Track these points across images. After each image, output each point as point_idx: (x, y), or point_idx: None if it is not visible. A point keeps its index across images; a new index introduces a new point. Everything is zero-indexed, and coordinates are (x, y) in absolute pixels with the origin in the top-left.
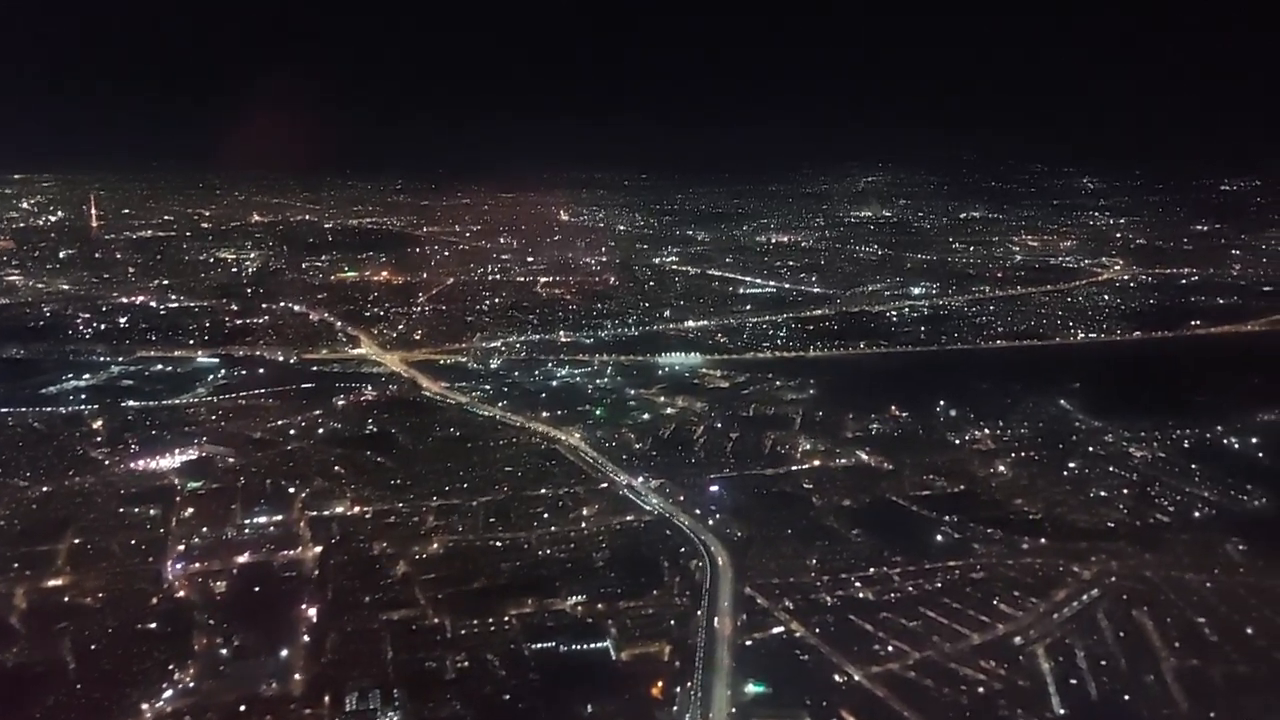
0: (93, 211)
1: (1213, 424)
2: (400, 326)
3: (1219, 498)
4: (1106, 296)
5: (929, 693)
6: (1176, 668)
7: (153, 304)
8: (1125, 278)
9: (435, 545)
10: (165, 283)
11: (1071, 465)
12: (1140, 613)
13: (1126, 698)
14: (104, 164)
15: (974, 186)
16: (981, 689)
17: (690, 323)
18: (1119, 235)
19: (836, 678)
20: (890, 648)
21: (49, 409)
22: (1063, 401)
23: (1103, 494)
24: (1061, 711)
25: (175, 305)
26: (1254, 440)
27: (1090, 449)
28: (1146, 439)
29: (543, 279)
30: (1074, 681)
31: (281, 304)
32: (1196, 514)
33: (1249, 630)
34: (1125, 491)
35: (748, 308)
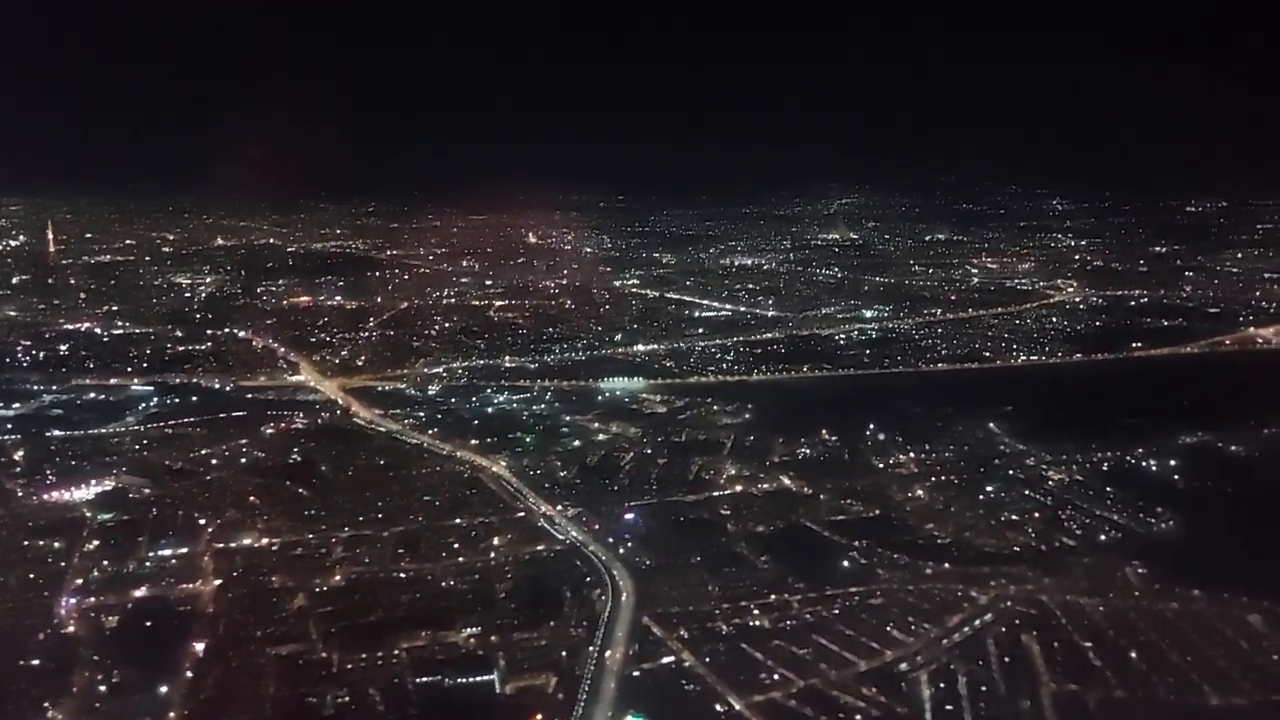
0: (50, 236)
1: (1134, 447)
2: (344, 352)
3: (1127, 521)
4: (1055, 319)
5: None
6: (1054, 693)
7: (97, 330)
8: (1076, 300)
9: (338, 577)
10: (114, 309)
11: (989, 489)
12: (1029, 637)
13: None
14: (77, 187)
15: (945, 209)
16: (859, 716)
17: (640, 347)
18: (1078, 257)
19: (718, 707)
20: (776, 676)
21: None
22: (992, 425)
23: (1014, 518)
24: None
25: (120, 332)
26: (1172, 463)
27: (1010, 472)
28: (1067, 462)
29: (498, 303)
30: (950, 708)
31: (226, 330)
32: (1102, 537)
33: (1133, 654)
34: (1036, 515)
35: (700, 331)
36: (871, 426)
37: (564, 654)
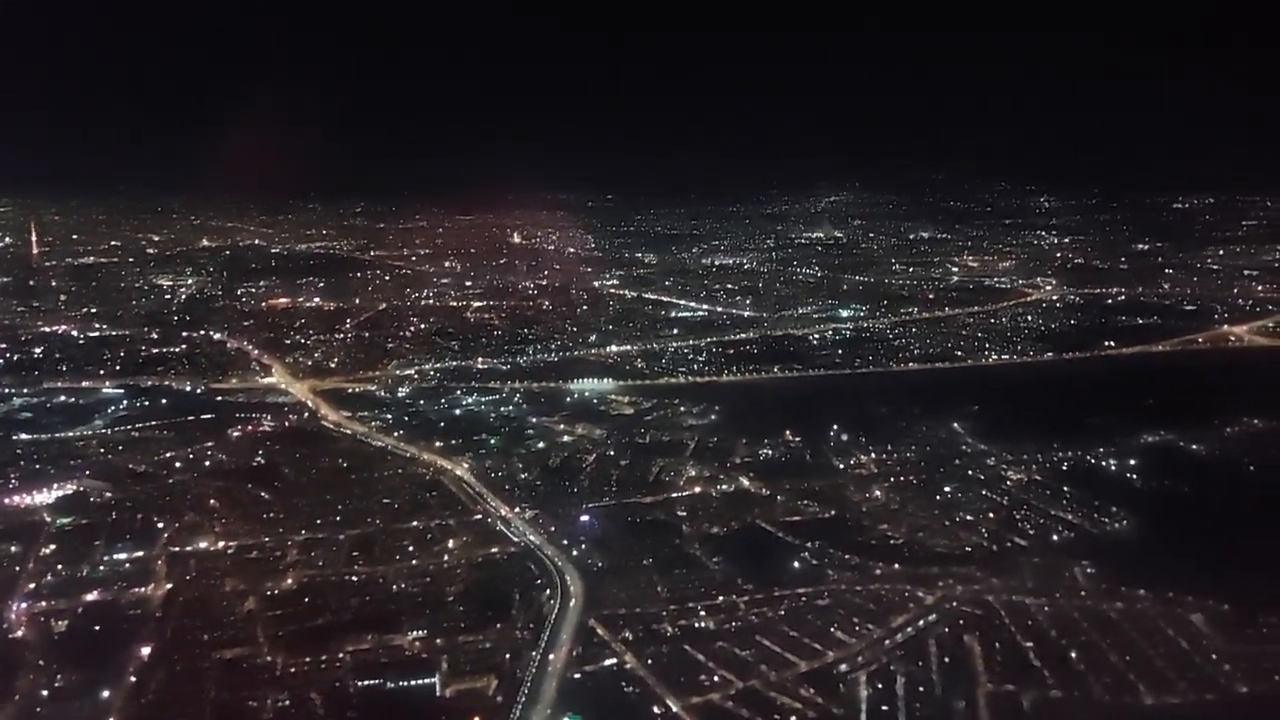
0: (33, 238)
1: (1096, 446)
2: (317, 354)
3: (1081, 521)
4: (1030, 318)
5: None
6: (991, 693)
7: (74, 333)
8: (1054, 298)
9: (289, 581)
10: (92, 311)
11: (946, 490)
12: (972, 637)
13: None
14: (68, 189)
15: (932, 206)
16: (794, 717)
17: (613, 348)
18: (1059, 255)
19: (655, 709)
20: (716, 678)
21: None
22: (956, 425)
23: (968, 518)
24: None
25: (96, 335)
26: (1131, 462)
27: (969, 473)
28: (1027, 462)
29: (476, 304)
30: (885, 709)
31: (202, 332)
32: (1055, 538)
33: (1072, 654)
34: (991, 515)
35: (674, 332)
36: (835, 427)
37: (507, 656)
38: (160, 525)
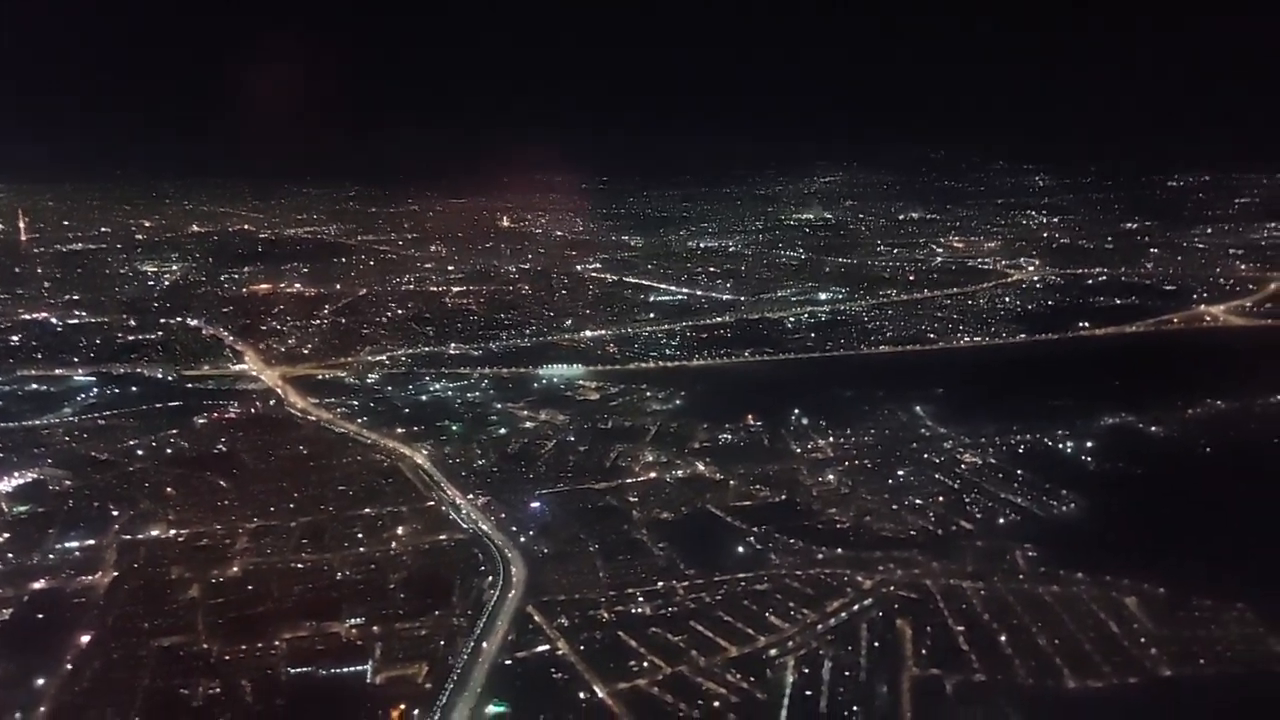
0: (21, 224)
1: (1055, 429)
2: (291, 340)
3: (1030, 504)
4: (1008, 299)
5: (663, 708)
6: (915, 678)
7: (53, 320)
8: (1035, 279)
9: (235, 569)
10: (74, 298)
11: (900, 473)
12: (904, 622)
13: (855, 708)
14: (65, 174)
15: (926, 186)
16: (717, 703)
17: (587, 333)
18: (1046, 235)
19: (581, 695)
20: (645, 664)
21: None
22: (918, 408)
23: (918, 502)
24: None
25: (75, 322)
26: (1089, 445)
27: (925, 456)
28: (985, 445)
29: (456, 289)
30: (809, 694)
31: (179, 319)
32: (1001, 521)
33: (1002, 638)
34: (941, 499)
35: (650, 316)
36: (796, 411)
37: (441, 643)
38: (115, 513)
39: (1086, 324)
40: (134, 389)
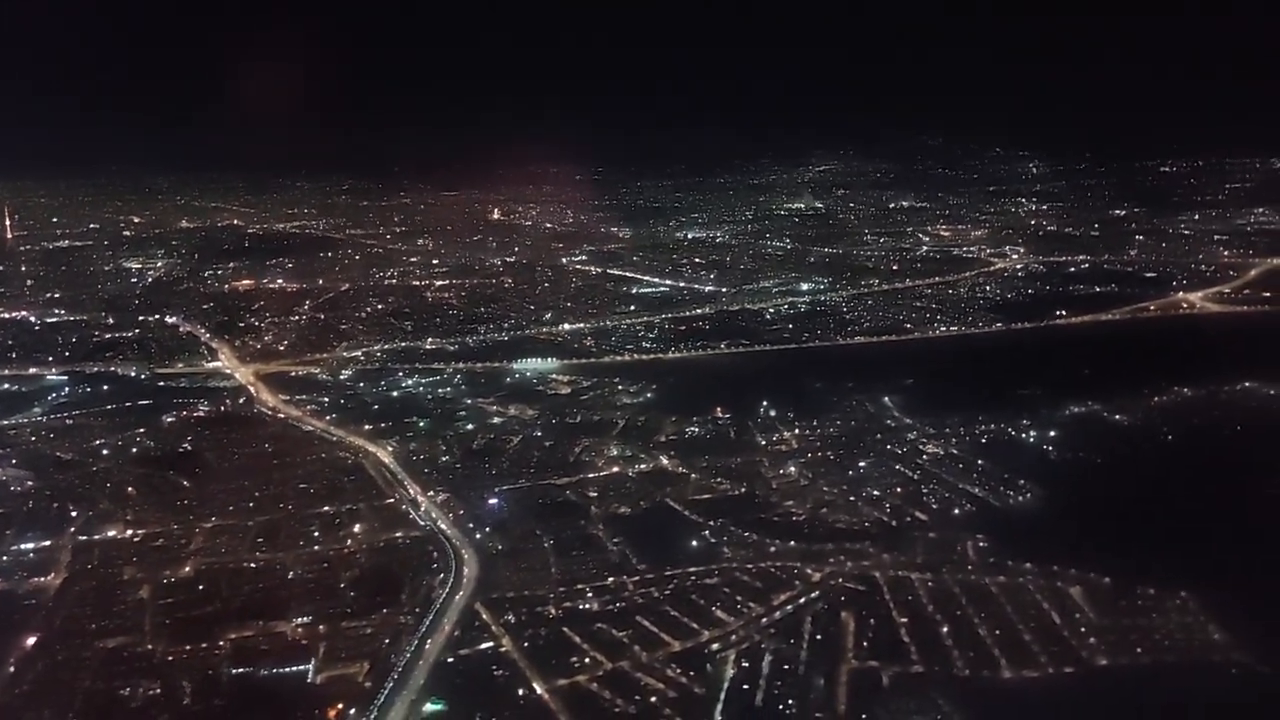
0: (8, 222)
1: (1020, 418)
2: (268, 337)
3: (987, 495)
4: (988, 288)
5: (600, 704)
6: (853, 670)
7: (31, 319)
8: (1017, 267)
9: (188, 569)
10: (55, 295)
11: (861, 465)
12: (849, 614)
13: (791, 701)
14: (58, 170)
15: (920, 174)
16: (654, 698)
17: (565, 326)
18: (1033, 222)
19: (520, 692)
20: (587, 660)
21: None
22: (886, 399)
23: (875, 494)
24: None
25: (53, 320)
26: (1052, 434)
27: (887, 447)
28: (949, 435)
29: (438, 283)
30: (746, 687)
31: (157, 317)
32: (956, 511)
33: (944, 629)
34: (898, 490)
35: (631, 308)
36: (765, 403)
37: (386, 642)
38: (74, 514)
39: (1063, 312)
40: (105, 388)
